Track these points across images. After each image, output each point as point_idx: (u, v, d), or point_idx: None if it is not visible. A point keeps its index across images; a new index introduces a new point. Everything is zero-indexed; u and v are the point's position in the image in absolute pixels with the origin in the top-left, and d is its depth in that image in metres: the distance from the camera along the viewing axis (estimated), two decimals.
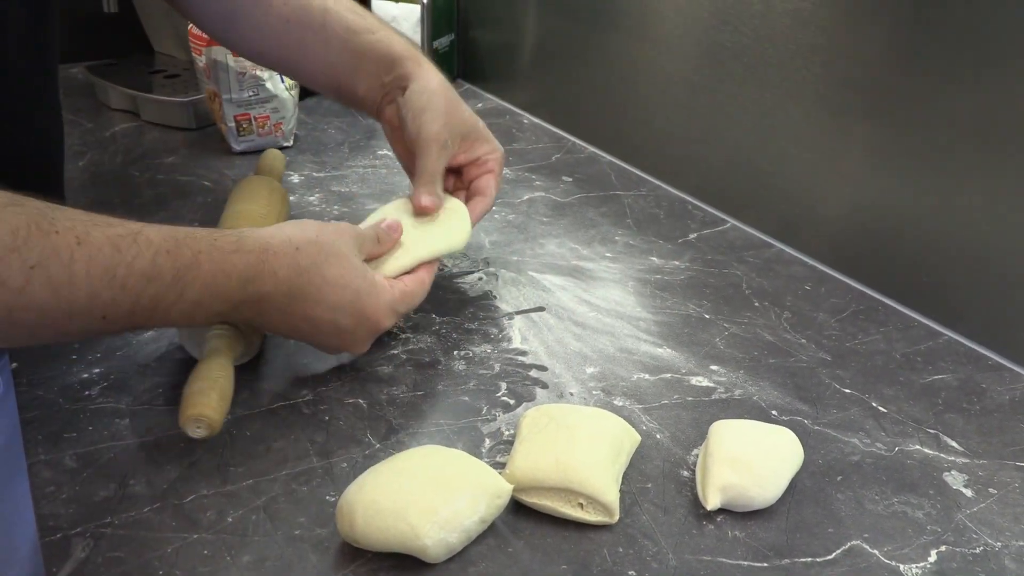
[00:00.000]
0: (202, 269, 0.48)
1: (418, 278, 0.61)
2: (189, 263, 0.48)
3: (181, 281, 0.47)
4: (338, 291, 0.55)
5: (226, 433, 0.53)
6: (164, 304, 0.47)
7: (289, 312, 0.54)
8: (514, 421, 0.56)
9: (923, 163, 0.68)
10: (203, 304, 0.49)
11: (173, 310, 0.48)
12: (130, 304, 0.46)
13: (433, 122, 0.66)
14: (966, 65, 0.64)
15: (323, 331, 0.56)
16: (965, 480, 0.53)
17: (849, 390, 0.61)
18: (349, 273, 0.55)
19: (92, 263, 0.44)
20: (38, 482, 0.49)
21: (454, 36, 1.21)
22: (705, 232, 0.83)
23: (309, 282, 0.53)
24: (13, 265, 0.41)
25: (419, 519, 0.44)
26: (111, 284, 0.45)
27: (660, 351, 0.64)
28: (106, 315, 0.45)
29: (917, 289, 0.70)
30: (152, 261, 0.46)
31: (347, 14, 0.70)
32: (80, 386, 0.57)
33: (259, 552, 0.45)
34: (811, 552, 0.47)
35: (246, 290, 0.51)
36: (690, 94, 0.88)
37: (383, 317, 0.58)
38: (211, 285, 0.49)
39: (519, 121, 1.11)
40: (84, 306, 0.44)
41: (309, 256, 0.54)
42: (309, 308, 0.54)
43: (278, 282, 0.52)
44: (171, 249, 0.47)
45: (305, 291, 0.53)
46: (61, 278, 0.43)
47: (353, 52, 0.69)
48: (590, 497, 0.47)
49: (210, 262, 0.49)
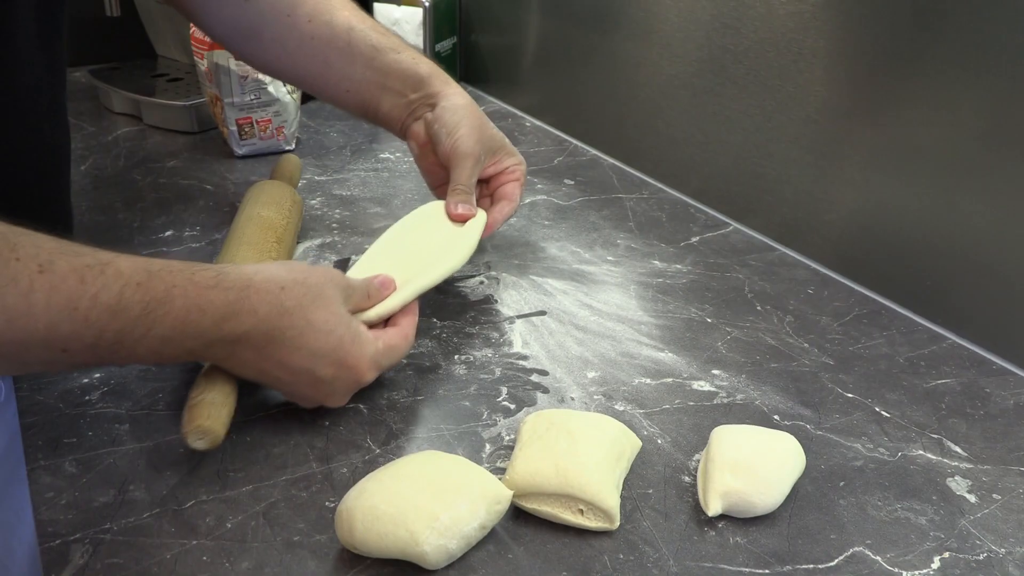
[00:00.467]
0: (175, 304, 0.46)
1: (402, 332, 0.57)
2: (161, 297, 0.45)
3: (150, 316, 0.45)
4: (321, 337, 0.51)
5: (226, 438, 0.53)
6: (130, 340, 0.45)
7: (266, 355, 0.50)
8: (515, 426, 0.56)
9: (926, 166, 0.68)
10: (173, 341, 0.47)
11: (139, 346, 0.45)
12: (93, 338, 0.44)
13: (468, 137, 0.69)
14: (969, 68, 0.63)
15: (300, 380, 0.52)
16: (969, 486, 0.53)
17: (852, 395, 0.60)
18: (334, 319, 0.52)
19: (53, 293, 0.42)
20: (37, 488, 0.49)
21: (456, 39, 1.21)
22: (707, 235, 0.83)
23: (291, 324, 0.50)
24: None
25: (418, 525, 0.44)
26: (72, 317, 0.42)
27: (662, 355, 0.64)
28: (67, 348, 0.43)
29: (921, 293, 0.70)
30: (119, 294, 0.44)
31: (372, 33, 0.71)
32: (80, 391, 0.57)
33: (258, 558, 0.45)
34: (813, 559, 0.47)
35: (221, 328, 0.48)
36: (692, 97, 0.87)
37: (366, 370, 0.54)
38: (183, 321, 0.46)
39: (521, 124, 1.10)
40: (42, 338, 0.42)
41: (294, 297, 0.51)
42: (287, 354, 0.51)
43: (257, 321, 0.49)
44: (142, 282, 0.45)
45: (285, 334, 0.50)
46: (18, 308, 0.41)
47: (378, 70, 0.71)
48: (590, 503, 0.47)
49: (184, 297, 0.46)
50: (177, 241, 0.77)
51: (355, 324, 0.54)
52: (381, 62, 0.70)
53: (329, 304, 0.52)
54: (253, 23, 0.70)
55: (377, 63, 0.70)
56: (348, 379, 0.54)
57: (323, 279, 0.53)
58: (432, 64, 0.72)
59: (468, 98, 0.72)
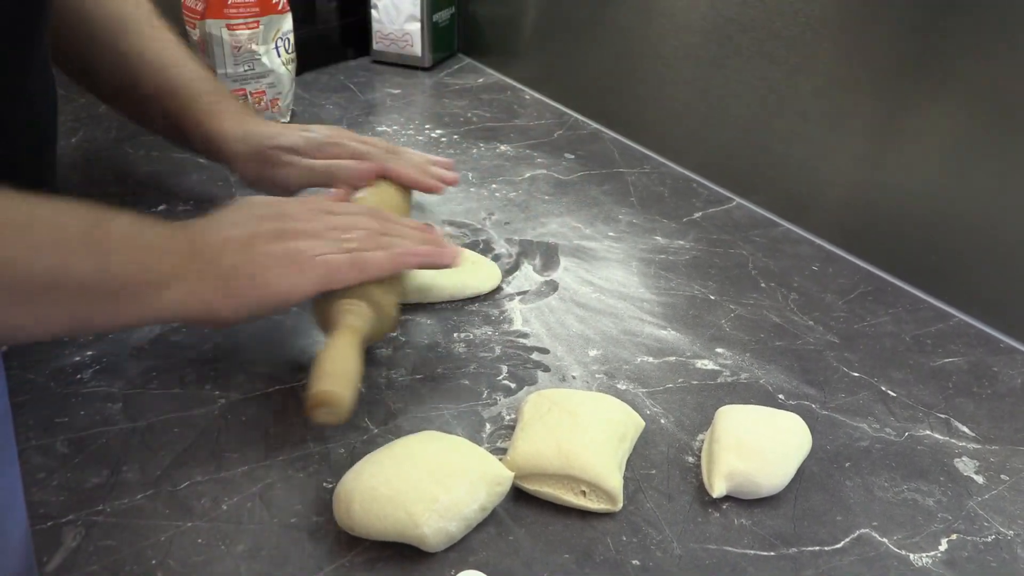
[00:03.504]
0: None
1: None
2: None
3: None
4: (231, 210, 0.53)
5: (221, 418, 0.52)
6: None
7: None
8: (515, 405, 0.55)
9: (934, 140, 0.66)
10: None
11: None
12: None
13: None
14: (979, 40, 0.62)
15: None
16: (976, 466, 0.52)
17: (857, 373, 0.59)
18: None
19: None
20: (29, 468, 0.48)
21: (454, 10, 1.18)
22: (710, 211, 0.81)
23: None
24: None
25: (417, 507, 0.43)
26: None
27: (664, 333, 0.63)
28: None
29: (927, 269, 0.69)
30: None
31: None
32: (72, 369, 0.56)
33: (254, 540, 0.44)
34: (819, 540, 0.46)
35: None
36: (696, 69, 0.86)
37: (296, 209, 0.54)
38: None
39: (520, 97, 1.08)
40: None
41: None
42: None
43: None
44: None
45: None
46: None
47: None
48: (593, 484, 0.46)
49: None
50: (170, 215, 0.76)
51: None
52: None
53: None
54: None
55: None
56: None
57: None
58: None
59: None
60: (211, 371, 0.56)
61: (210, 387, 0.55)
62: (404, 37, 1.14)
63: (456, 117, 1.00)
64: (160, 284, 0.48)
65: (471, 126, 0.97)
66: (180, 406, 0.53)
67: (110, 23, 0.70)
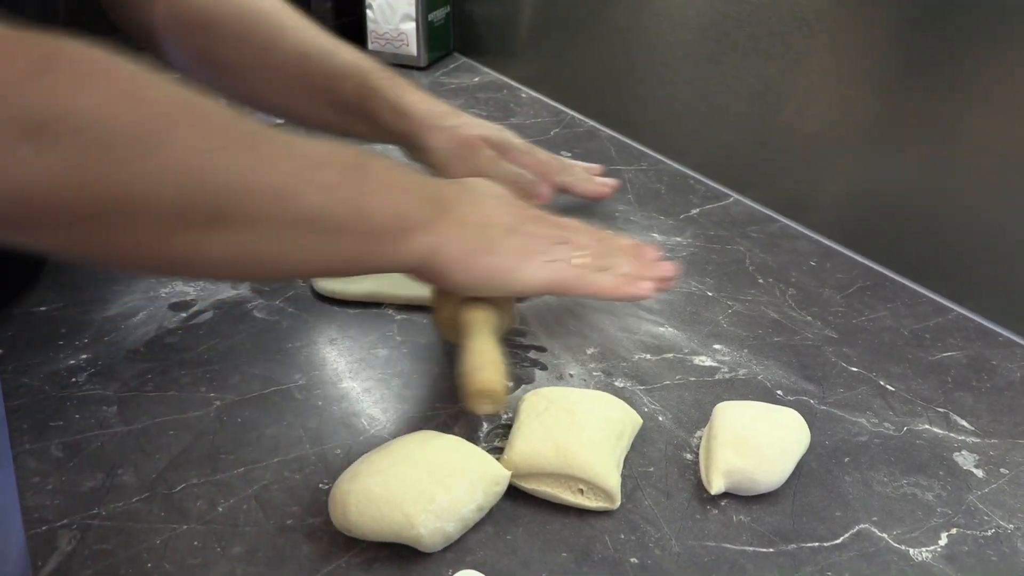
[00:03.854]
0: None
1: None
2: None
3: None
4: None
5: (216, 420, 0.52)
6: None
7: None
8: (512, 404, 0.54)
9: (931, 134, 0.66)
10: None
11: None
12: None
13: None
14: (977, 33, 0.61)
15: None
16: (976, 460, 0.52)
17: (856, 368, 0.59)
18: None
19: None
20: (23, 473, 0.47)
21: (449, 9, 1.18)
22: (707, 207, 0.81)
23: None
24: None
25: (414, 508, 0.42)
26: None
27: (662, 330, 0.62)
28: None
29: (925, 263, 0.69)
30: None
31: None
32: (67, 372, 0.55)
33: (250, 542, 0.44)
34: (818, 536, 0.46)
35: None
36: (692, 66, 0.85)
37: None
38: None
39: (517, 95, 1.08)
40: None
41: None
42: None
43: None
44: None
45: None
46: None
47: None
48: (590, 483, 0.46)
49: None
50: None
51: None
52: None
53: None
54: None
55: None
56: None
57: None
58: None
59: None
60: (206, 373, 0.56)
61: (205, 389, 0.55)
62: (399, 37, 1.14)
63: None
64: (412, 230, 0.48)
65: None
66: (175, 408, 0.53)
67: (251, 20, 0.68)
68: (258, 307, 0.63)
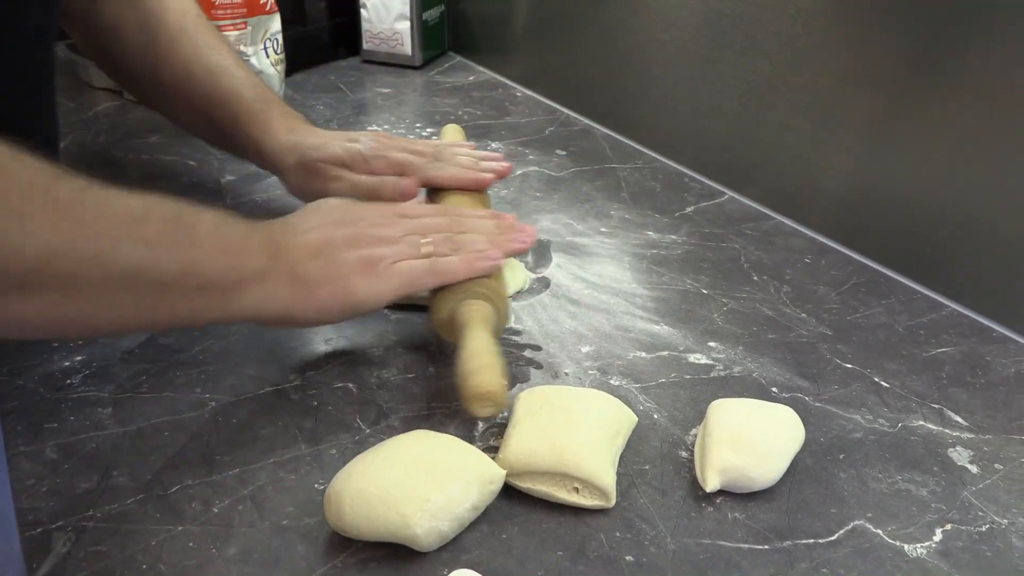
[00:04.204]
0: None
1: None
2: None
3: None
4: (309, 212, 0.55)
5: (211, 421, 0.52)
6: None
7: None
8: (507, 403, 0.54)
9: (926, 131, 0.66)
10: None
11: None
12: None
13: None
14: (971, 31, 0.62)
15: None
16: (970, 456, 0.52)
17: (851, 365, 0.59)
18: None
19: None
20: (18, 475, 0.47)
21: (444, 8, 1.18)
22: (702, 205, 0.81)
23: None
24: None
25: (409, 508, 0.42)
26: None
27: (657, 328, 0.62)
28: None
29: (919, 260, 0.69)
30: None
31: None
32: (61, 374, 0.55)
33: (246, 543, 0.44)
34: (813, 533, 0.46)
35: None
36: (687, 64, 0.85)
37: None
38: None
39: (512, 94, 1.08)
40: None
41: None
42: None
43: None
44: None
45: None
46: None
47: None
48: (586, 481, 0.46)
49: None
50: None
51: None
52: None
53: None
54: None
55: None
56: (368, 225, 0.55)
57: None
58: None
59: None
60: (201, 374, 0.56)
61: (200, 390, 0.54)
62: (394, 36, 1.14)
63: (447, 115, 0.99)
64: (242, 283, 0.48)
65: (462, 124, 0.97)
66: (170, 410, 0.53)
67: (152, 31, 0.69)
68: None
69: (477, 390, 0.48)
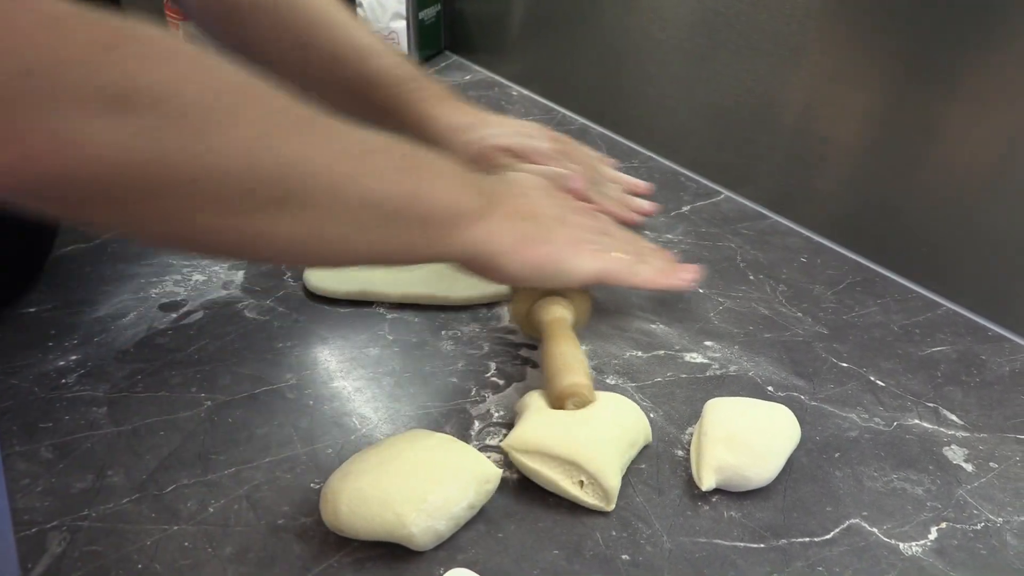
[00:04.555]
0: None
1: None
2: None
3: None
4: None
5: (207, 420, 0.52)
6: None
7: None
8: (504, 402, 0.54)
9: (922, 131, 0.66)
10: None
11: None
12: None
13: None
14: (968, 30, 0.62)
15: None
16: (965, 455, 0.52)
17: (846, 364, 0.59)
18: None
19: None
20: (13, 475, 0.47)
21: (440, 7, 1.18)
22: (698, 204, 0.81)
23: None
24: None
25: (405, 507, 0.42)
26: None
27: (653, 327, 0.63)
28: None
29: (915, 259, 0.69)
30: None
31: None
32: (56, 374, 0.55)
33: (242, 543, 0.44)
34: (809, 532, 0.46)
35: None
36: (683, 63, 0.85)
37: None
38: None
39: (508, 93, 1.08)
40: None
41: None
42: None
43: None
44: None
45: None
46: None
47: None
48: (593, 476, 0.46)
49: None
50: None
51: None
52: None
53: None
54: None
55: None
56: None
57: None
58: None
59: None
60: (196, 373, 0.56)
61: (195, 389, 0.54)
62: (390, 35, 1.13)
63: None
64: (465, 219, 0.48)
65: None
66: (165, 409, 0.53)
67: (287, 14, 0.66)
68: (248, 307, 0.63)
69: (566, 390, 0.49)
